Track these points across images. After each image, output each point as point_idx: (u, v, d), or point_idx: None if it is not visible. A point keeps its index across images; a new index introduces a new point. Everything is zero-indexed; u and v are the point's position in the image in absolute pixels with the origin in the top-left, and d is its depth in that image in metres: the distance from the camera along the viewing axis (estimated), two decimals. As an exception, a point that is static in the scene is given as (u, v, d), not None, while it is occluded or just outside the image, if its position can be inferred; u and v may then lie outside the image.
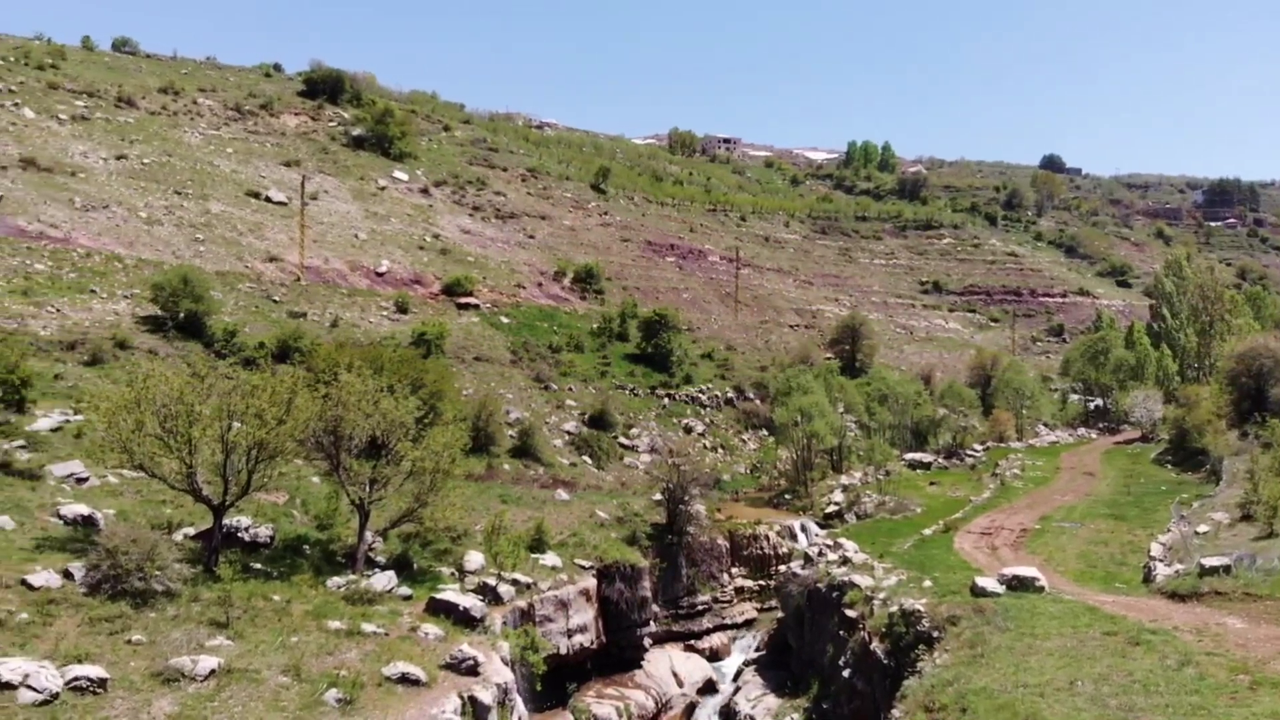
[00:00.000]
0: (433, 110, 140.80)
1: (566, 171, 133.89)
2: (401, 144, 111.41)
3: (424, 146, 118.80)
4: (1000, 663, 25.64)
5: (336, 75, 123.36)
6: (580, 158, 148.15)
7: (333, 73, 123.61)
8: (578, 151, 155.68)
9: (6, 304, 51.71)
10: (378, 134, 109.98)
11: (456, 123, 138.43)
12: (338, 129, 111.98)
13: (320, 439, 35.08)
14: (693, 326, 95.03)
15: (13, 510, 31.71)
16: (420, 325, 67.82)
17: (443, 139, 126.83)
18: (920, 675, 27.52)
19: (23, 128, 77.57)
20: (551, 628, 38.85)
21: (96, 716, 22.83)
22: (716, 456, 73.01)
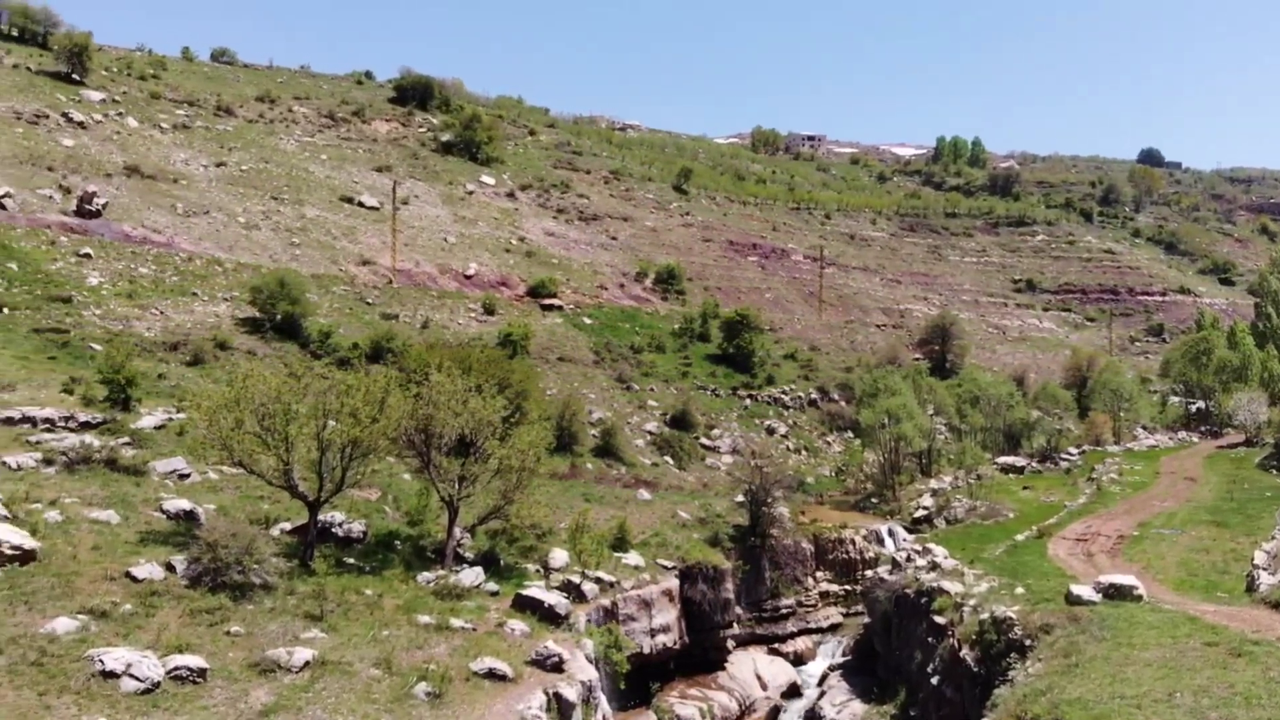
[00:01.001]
0: (518, 115, 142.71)
1: (649, 173, 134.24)
2: (488, 149, 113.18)
3: (510, 151, 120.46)
4: (1096, 673, 24.87)
5: (426, 82, 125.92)
6: (662, 159, 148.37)
7: (422, 79, 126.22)
8: (660, 153, 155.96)
9: (113, 306, 54.10)
10: (465, 139, 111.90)
11: (541, 127, 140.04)
12: (427, 135, 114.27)
13: (412, 437, 35.95)
14: (775, 327, 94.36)
15: (118, 505, 33.14)
16: (506, 326, 68.82)
17: (528, 143, 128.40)
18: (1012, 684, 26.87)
19: (127, 136, 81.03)
20: (634, 627, 39.00)
21: (196, 705, 23.71)
22: (800, 459, 72.35)
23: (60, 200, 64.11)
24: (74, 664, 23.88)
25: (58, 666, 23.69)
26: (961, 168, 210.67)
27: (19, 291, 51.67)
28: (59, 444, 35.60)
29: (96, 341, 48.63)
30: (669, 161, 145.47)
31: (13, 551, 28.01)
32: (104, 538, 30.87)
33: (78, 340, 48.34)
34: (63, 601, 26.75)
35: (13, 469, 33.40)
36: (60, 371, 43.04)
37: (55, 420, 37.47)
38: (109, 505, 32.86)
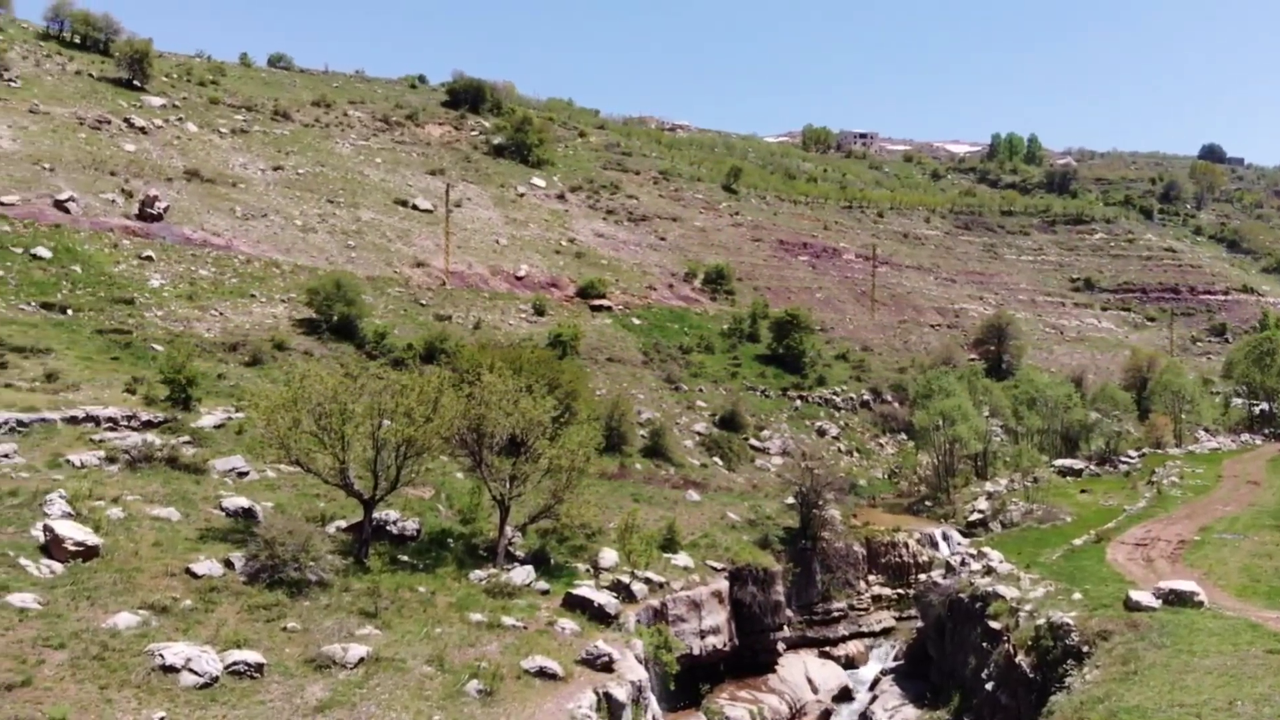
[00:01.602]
0: (568, 117, 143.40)
1: (698, 173, 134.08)
2: (539, 151, 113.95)
3: (560, 153, 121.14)
4: (1155, 681, 24.37)
5: (478, 85, 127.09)
6: (712, 159, 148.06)
7: (474, 83, 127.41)
8: (709, 152, 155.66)
9: (174, 308, 55.39)
10: (517, 142, 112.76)
11: (591, 128, 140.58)
12: (479, 138, 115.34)
13: (464, 436, 36.38)
14: (826, 327, 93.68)
15: (179, 502, 33.94)
16: (556, 327, 69.24)
17: (578, 145, 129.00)
18: (1068, 691, 26.45)
19: (187, 141, 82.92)
20: (684, 628, 38.99)
21: (253, 700, 24.17)
22: (851, 461, 71.76)
23: (123, 204, 65.82)
24: (135, 658, 24.50)
25: (119, 661, 24.32)
26: (1018, 165, 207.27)
27: (83, 293, 53.15)
28: (122, 442, 36.57)
29: (158, 342, 49.85)
30: (718, 161, 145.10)
31: (76, 548, 28.82)
32: (165, 534, 31.64)
33: (140, 341, 49.59)
34: (124, 597, 27.46)
35: (77, 467, 34.38)
36: (123, 371, 44.19)
37: (118, 419, 38.49)
38: (170, 503, 33.68)
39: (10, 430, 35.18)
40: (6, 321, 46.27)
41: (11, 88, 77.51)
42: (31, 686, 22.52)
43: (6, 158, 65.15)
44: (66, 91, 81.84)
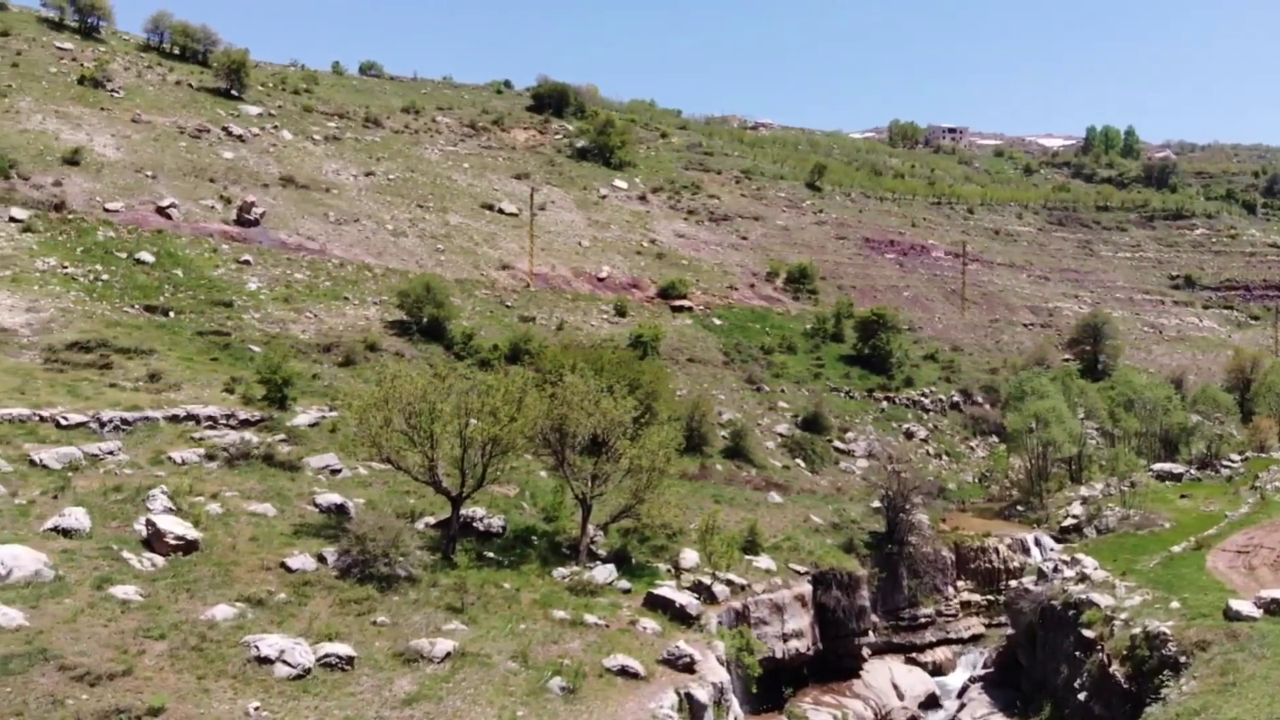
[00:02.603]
0: (651, 118, 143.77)
1: (781, 171, 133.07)
2: (621, 153, 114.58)
3: (642, 155, 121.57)
4: (1254, 693, 23.43)
5: (562, 89, 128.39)
6: (795, 156, 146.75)
7: (558, 87, 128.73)
8: (793, 150, 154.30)
9: (270, 310, 57.27)
10: (599, 145, 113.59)
11: (673, 129, 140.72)
12: (563, 141, 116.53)
13: (547, 436, 36.91)
14: (914, 326, 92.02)
15: (275, 499, 35.11)
16: (637, 327, 69.54)
17: (660, 146, 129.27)
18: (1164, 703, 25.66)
19: (282, 148, 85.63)
20: (766, 630, 38.81)
21: (343, 693, 24.86)
22: (940, 464, 70.40)
23: (221, 210, 68.34)
24: (231, 649, 25.42)
25: (216, 652, 25.26)
26: (1113, 159, 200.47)
27: (184, 296, 55.34)
28: (220, 440, 37.99)
29: (255, 343, 51.62)
30: (802, 159, 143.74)
31: (177, 542, 30.06)
32: (261, 529, 32.78)
33: (238, 342, 51.42)
34: (222, 590, 28.53)
35: (178, 464, 35.84)
36: (222, 372, 45.87)
37: (217, 418, 39.98)
38: (266, 499, 34.87)
39: (115, 428, 36.83)
40: (112, 324, 48.47)
41: (115, 98, 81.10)
42: (132, 676, 23.55)
43: (111, 166, 68.23)
44: (167, 101, 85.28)
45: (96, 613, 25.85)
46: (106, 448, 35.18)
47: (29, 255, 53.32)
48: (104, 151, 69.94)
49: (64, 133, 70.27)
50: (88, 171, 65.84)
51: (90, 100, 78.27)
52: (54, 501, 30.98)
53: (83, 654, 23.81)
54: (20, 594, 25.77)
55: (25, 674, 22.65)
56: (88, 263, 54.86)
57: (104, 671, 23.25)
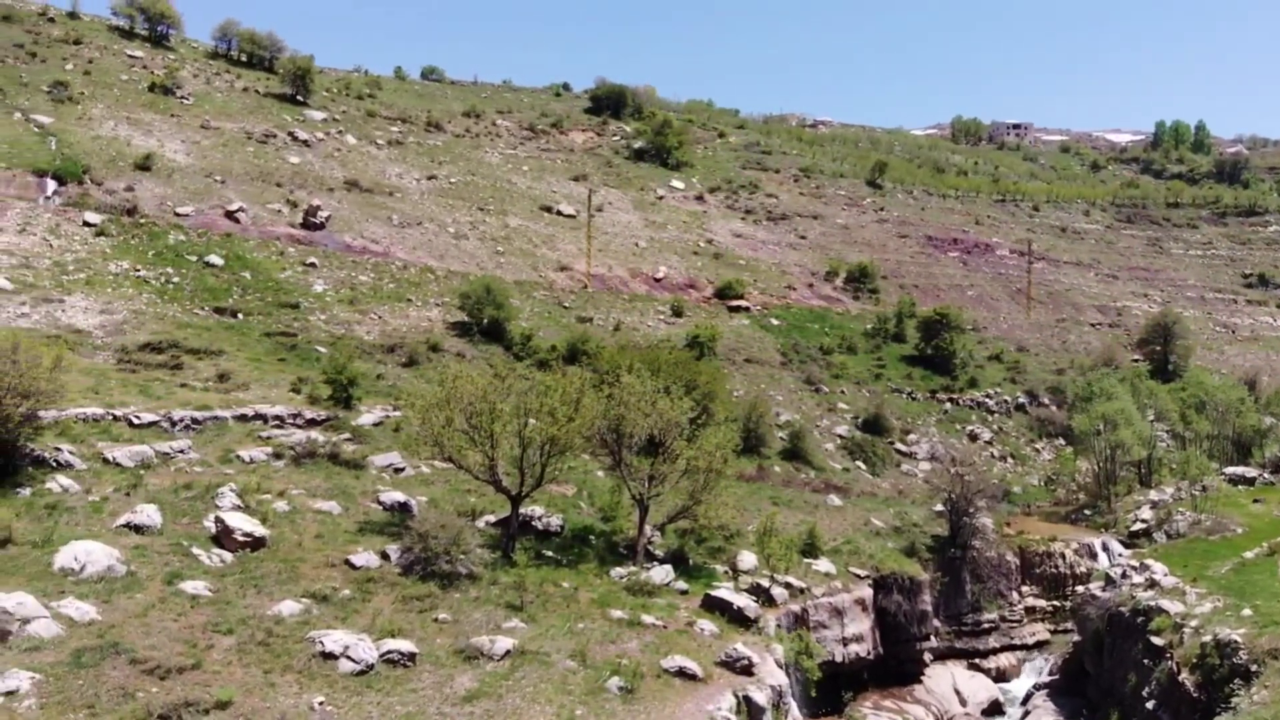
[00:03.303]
0: (708, 118, 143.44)
1: (840, 169, 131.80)
2: (679, 153, 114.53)
3: (699, 155, 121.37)
4: (1338, 707, 22.59)
5: (619, 91, 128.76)
6: (855, 154, 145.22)
7: (616, 88, 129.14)
8: (852, 148, 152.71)
9: (336, 311, 58.33)
10: (657, 145, 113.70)
11: (730, 128, 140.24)
12: (620, 143, 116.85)
13: (604, 436, 37.08)
14: (978, 326, 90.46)
15: (339, 496, 35.78)
16: (694, 328, 69.43)
17: (717, 145, 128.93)
18: (1235, 712, 25.04)
19: (346, 153, 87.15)
20: (826, 634, 38.52)
21: (405, 688, 25.24)
22: (1005, 466, 69.12)
23: (288, 213, 69.76)
24: (297, 645, 25.97)
25: (282, 646, 25.83)
26: (1184, 154, 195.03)
27: (253, 298, 56.61)
28: (287, 439, 38.82)
29: (321, 344, 52.62)
30: (862, 156, 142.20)
31: (245, 538, 30.81)
32: (326, 527, 33.44)
33: (305, 343, 52.45)
34: (288, 586, 29.15)
35: (246, 462, 36.70)
36: (289, 372, 46.83)
37: (284, 417, 40.84)
38: (331, 496, 35.56)
39: (186, 427, 37.83)
40: (183, 325, 49.78)
41: (185, 105, 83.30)
42: (201, 669, 24.18)
43: (182, 171, 70.08)
44: (235, 107, 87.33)
45: (167, 607, 26.60)
46: (177, 446, 36.16)
47: (103, 259, 55.01)
48: (174, 157, 71.85)
49: (135, 139, 72.34)
50: (159, 177, 67.70)
51: (161, 107, 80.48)
52: (126, 499, 31.94)
53: (153, 648, 24.51)
54: (93, 589, 26.62)
55: (97, 667, 23.39)
56: (159, 266, 56.42)
57: (173, 665, 23.91)
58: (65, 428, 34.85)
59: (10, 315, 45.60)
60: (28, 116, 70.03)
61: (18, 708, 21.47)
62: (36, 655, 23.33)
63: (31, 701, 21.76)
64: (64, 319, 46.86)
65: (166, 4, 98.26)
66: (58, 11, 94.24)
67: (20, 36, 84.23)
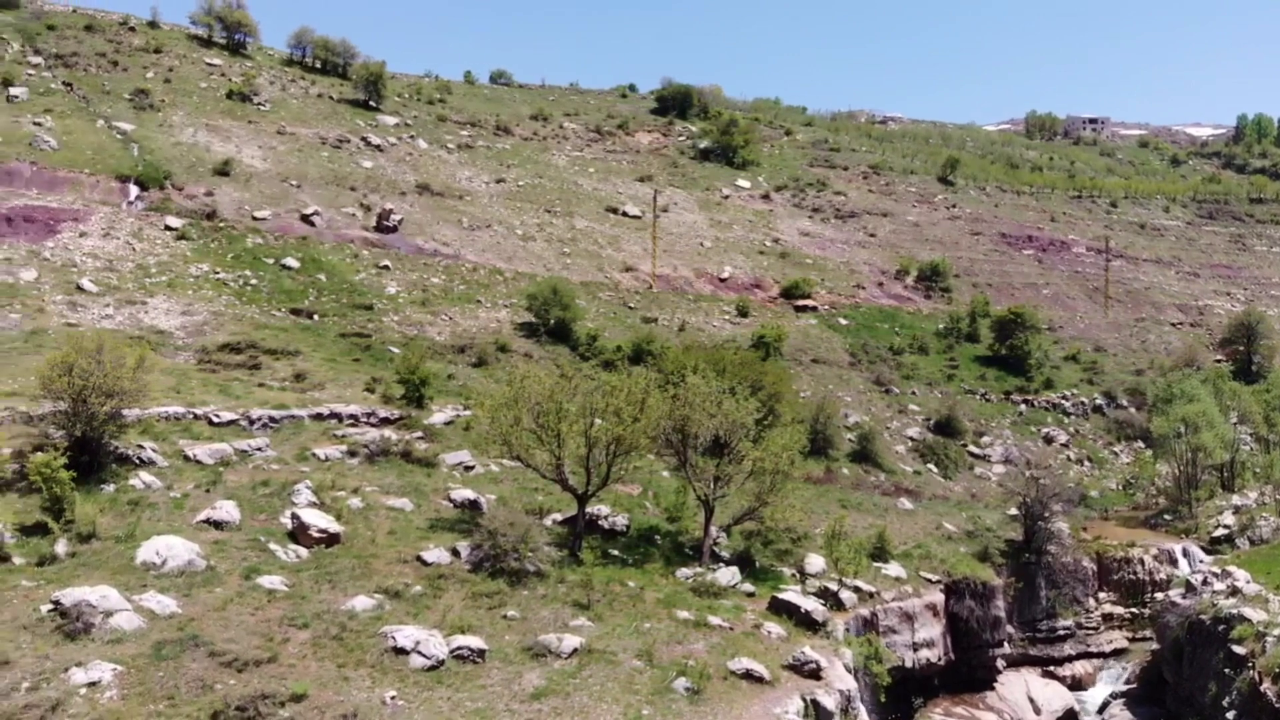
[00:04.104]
0: (775, 116, 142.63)
1: (911, 165, 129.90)
2: (744, 152, 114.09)
3: (766, 153, 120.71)
4: None
5: (685, 91, 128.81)
6: (926, 150, 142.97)
7: (681, 89, 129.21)
8: (923, 144, 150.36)
9: (408, 313, 59.37)
10: (722, 145, 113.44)
11: (798, 126, 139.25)
12: (685, 143, 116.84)
13: (669, 436, 37.11)
14: (1054, 325, 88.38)
15: (412, 494, 36.41)
16: (760, 328, 69.06)
17: (784, 144, 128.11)
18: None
19: (418, 157, 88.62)
20: (895, 639, 38.06)
21: (475, 684, 25.56)
22: (1082, 470, 67.45)
23: (361, 217, 71.24)
24: (369, 640, 26.49)
25: (355, 641, 26.37)
26: (1267, 148, 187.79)
27: (328, 300, 57.91)
28: (361, 437, 39.61)
29: (394, 345, 53.62)
30: (933, 152, 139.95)
31: (320, 534, 31.52)
32: (399, 523, 34.05)
33: (378, 343, 53.50)
34: (361, 581, 29.74)
35: (322, 460, 37.54)
36: (363, 372, 47.80)
37: (359, 416, 41.69)
38: (403, 494, 36.20)
39: (264, 426, 38.83)
40: (260, 326, 51.11)
41: (261, 111, 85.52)
42: (277, 663, 24.79)
43: (259, 176, 71.98)
44: (310, 113, 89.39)
45: (244, 601, 27.33)
46: (255, 444, 37.12)
47: (184, 262, 56.77)
48: (252, 162, 73.82)
49: (214, 145, 74.51)
50: (237, 182, 69.64)
51: (238, 114, 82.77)
52: (206, 495, 32.91)
53: (231, 641, 25.21)
54: (174, 582, 27.47)
55: (177, 659, 24.14)
56: (238, 268, 58.03)
57: (250, 658, 24.56)
58: (148, 426, 36.02)
59: (95, 317, 47.34)
60: (111, 123, 72.62)
61: (100, 699, 22.26)
62: (119, 647, 24.15)
63: (113, 693, 22.54)
64: (147, 320, 48.46)
65: (244, 13, 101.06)
66: (138, 21, 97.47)
67: (102, 45, 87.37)
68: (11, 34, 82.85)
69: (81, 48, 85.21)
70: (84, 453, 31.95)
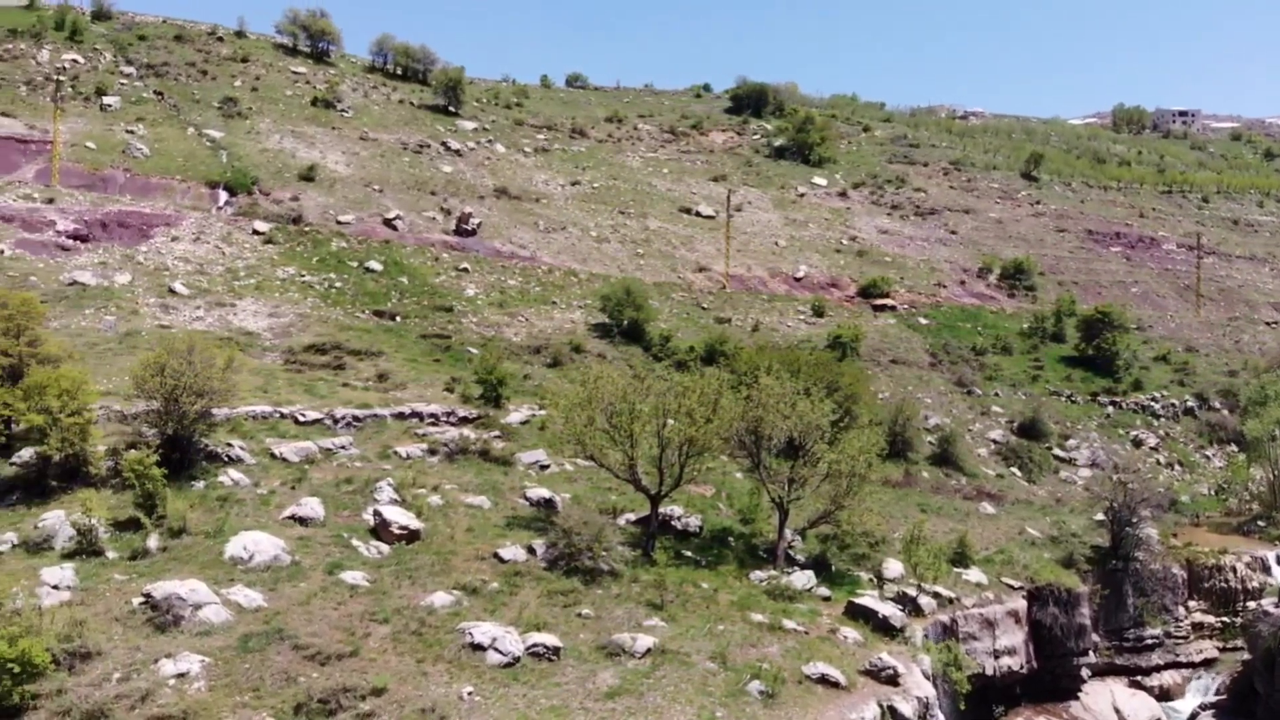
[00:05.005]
0: (852, 113, 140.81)
1: (993, 161, 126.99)
2: (821, 149, 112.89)
3: (842, 150, 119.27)
4: None
5: (760, 89, 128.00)
6: (1008, 145, 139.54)
7: (756, 87, 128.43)
8: (1006, 139, 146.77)
9: (486, 314, 60.22)
10: (798, 142, 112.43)
11: (876, 122, 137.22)
12: (760, 141, 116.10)
13: (743, 437, 36.94)
14: (1143, 325, 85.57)
15: (489, 492, 36.92)
16: (836, 328, 68.23)
17: (861, 140, 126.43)
18: None
19: (496, 161, 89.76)
20: (976, 646, 37.30)
21: (550, 682, 25.81)
22: (1172, 474, 65.16)
23: (441, 221, 72.46)
24: (447, 635, 26.94)
25: (434, 637, 26.84)
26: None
27: (409, 302, 59.06)
28: (441, 436, 40.32)
29: (473, 345, 54.45)
30: (1016, 147, 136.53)
31: (401, 531, 32.17)
32: (476, 520, 34.58)
33: (457, 344, 54.40)
34: (440, 578, 30.27)
35: (403, 458, 38.31)
36: (443, 372, 48.66)
37: (439, 415, 42.45)
38: (481, 491, 36.75)
39: (347, 424, 39.79)
40: (345, 328, 52.36)
41: (345, 117, 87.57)
42: (358, 657, 25.38)
43: (343, 182, 73.71)
44: (391, 119, 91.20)
45: (328, 596, 28.04)
46: (339, 442, 38.08)
47: (271, 265, 58.46)
48: (336, 168, 75.65)
49: (300, 151, 76.53)
50: (321, 187, 71.43)
51: (323, 120, 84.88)
52: (292, 492, 33.85)
53: (314, 635, 25.88)
54: (260, 577, 28.32)
55: (263, 652, 24.87)
56: (323, 271, 59.54)
57: (333, 652, 25.19)
58: (236, 425, 37.20)
59: (187, 318, 49.04)
60: (200, 131, 75.13)
61: (188, 689, 23.04)
62: (207, 640, 24.98)
63: (201, 684, 23.32)
64: (235, 322, 50.03)
65: (327, 21, 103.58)
66: (226, 31, 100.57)
67: (192, 55, 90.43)
68: (105, 45, 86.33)
69: (172, 58, 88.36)
70: (175, 450, 33.15)
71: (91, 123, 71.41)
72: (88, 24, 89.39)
